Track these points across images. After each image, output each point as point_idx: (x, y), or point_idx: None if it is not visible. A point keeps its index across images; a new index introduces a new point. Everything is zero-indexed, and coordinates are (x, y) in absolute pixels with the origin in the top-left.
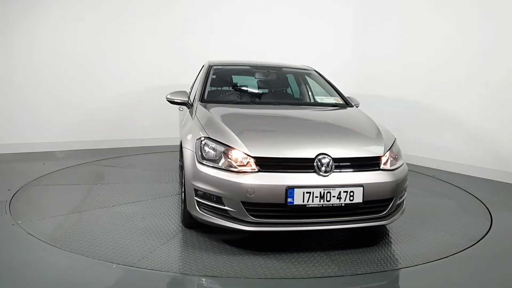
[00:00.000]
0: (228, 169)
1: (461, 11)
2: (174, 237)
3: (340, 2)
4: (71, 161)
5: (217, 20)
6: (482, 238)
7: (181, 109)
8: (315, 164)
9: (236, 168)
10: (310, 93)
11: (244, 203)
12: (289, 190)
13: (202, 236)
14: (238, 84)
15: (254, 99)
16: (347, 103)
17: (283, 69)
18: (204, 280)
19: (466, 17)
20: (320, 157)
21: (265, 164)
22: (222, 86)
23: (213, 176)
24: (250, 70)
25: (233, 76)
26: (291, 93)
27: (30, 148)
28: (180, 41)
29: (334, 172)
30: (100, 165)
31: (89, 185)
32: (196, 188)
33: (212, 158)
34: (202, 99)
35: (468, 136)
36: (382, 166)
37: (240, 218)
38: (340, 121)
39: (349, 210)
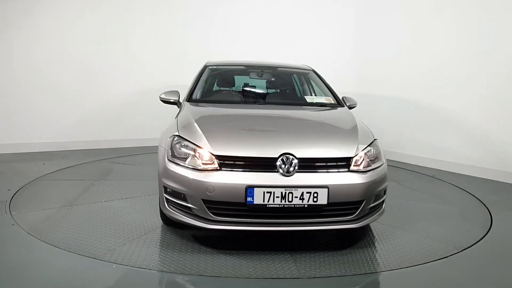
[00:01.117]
0: (192, 167)
1: (461, 12)
2: (148, 233)
3: (340, 2)
4: (70, 161)
5: (217, 21)
6: (482, 238)
7: None
8: (277, 163)
9: (201, 166)
10: (303, 93)
11: (205, 201)
12: (249, 189)
13: (175, 233)
14: (231, 84)
15: (242, 99)
16: (339, 103)
17: (278, 69)
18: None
19: (466, 17)
20: (283, 156)
21: (227, 163)
22: (214, 86)
23: (179, 174)
24: (244, 70)
25: (227, 76)
26: (283, 92)
27: (30, 148)
28: (180, 41)
29: (298, 172)
30: (113, 162)
31: (92, 181)
32: (165, 185)
33: (182, 156)
34: (189, 99)
35: (468, 136)
36: (352, 167)
37: (201, 215)
38: (318, 121)
39: (313, 211)
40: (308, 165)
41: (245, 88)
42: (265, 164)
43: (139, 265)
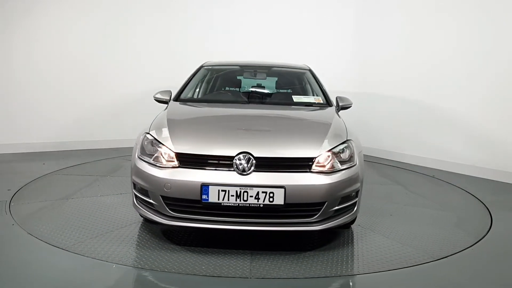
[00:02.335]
0: (155, 164)
1: (461, 12)
2: (120, 229)
3: (340, 2)
4: (71, 161)
5: (218, 21)
6: (482, 238)
7: None
8: (234, 162)
9: (163, 163)
10: (296, 92)
11: (163, 197)
12: (204, 187)
13: (145, 229)
14: (223, 84)
15: (230, 99)
16: (328, 103)
17: (273, 68)
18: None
19: (466, 17)
20: (240, 155)
21: (186, 160)
22: (206, 85)
23: (143, 171)
24: (239, 70)
25: (220, 76)
26: (275, 92)
27: (30, 148)
28: (180, 41)
29: (256, 171)
30: (126, 159)
31: (97, 176)
32: (134, 182)
33: (149, 154)
34: (176, 98)
35: (468, 136)
36: (314, 168)
37: (161, 211)
38: (291, 121)
39: (269, 211)
40: (267, 164)
41: (232, 88)
42: (223, 163)
43: (100, 257)
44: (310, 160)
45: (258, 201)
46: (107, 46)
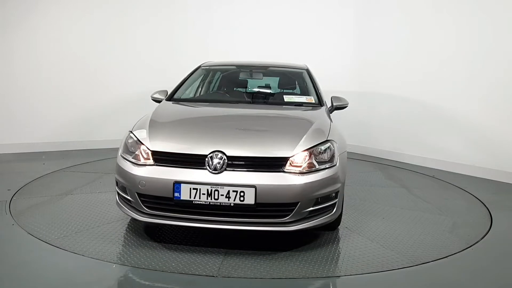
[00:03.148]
0: (133, 162)
1: (461, 12)
2: (103, 225)
3: (340, 1)
4: (71, 161)
5: (218, 21)
6: (482, 238)
7: None
8: (206, 161)
9: (140, 161)
10: (288, 92)
11: (139, 194)
12: (176, 184)
13: (128, 226)
14: (219, 84)
15: (222, 98)
16: (320, 103)
17: (270, 68)
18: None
19: (466, 17)
20: (213, 154)
21: (161, 159)
22: (202, 85)
23: (123, 168)
24: (236, 70)
25: (217, 76)
26: (267, 92)
27: (30, 148)
28: (181, 41)
29: (228, 170)
30: None
31: (102, 174)
32: (116, 179)
33: (130, 151)
34: (170, 98)
35: (468, 136)
36: (288, 168)
37: (137, 208)
38: (272, 121)
39: (240, 210)
40: (239, 163)
41: (226, 88)
42: (196, 161)
43: (77, 251)
44: (284, 159)
45: (229, 200)
46: (107, 46)
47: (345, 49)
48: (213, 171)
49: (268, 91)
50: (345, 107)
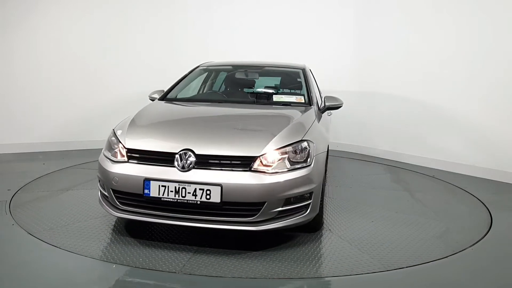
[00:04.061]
0: (111, 158)
1: (461, 12)
2: (88, 220)
3: (340, 1)
4: (71, 161)
5: (218, 21)
6: (482, 238)
7: None
8: (176, 158)
9: (117, 158)
10: (280, 92)
11: (113, 190)
12: (146, 181)
13: (115, 221)
14: (214, 84)
15: (212, 98)
16: (309, 103)
17: (266, 68)
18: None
19: (466, 17)
20: (182, 152)
21: (134, 156)
22: (197, 85)
23: (101, 165)
24: (232, 70)
25: (213, 76)
26: (258, 92)
27: (30, 148)
28: (182, 41)
29: (196, 168)
30: None
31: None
32: (98, 177)
33: (111, 149)
34: (163, 97)
35: (468, 136)
36: (256, 167)
37: (113, 204)
38: (250, 119)
39: (206, 208)
40: (207, 162)
41: (219, 88)
42: (166, 159)
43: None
44: (252, 158)
45: (195, 198)
46: (107, 46)
47: (345, 49)
48: (181, 169)
49: (260, 90)
50: (339, 107)
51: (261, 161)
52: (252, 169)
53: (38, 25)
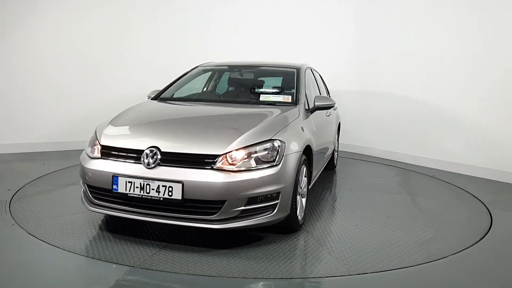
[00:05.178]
0: (88, 155)
1: (462, 12)
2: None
3: (340, 1)
4: (70, 161)
5: (218, 21)
6: (482, 238)
7: None
8: (142, 155)
9: (93, 154)
10: (269, 92)
11: (88, 185)
12: (114, 177)
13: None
14: (209, 84)
15: (205, 98)
16: (295, 102)
17: (262, 68)
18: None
19: (467, 17)
20: (149, 149)
21: (107, 152)
22: (193, 85)
23: (81, 161)
24: (227, 70)
25: (210, 76)
26: (249, 92)
27: (30, 148)
28: (182, 42)
29: (161, 165)
30: None
31: None
32: (80, 174)
33: (91, 146)
34: (156, 97)
35: (468, 136)
36: (219, 165)
37: (88, 198)
38: (223, 118)
39: (168, 205)
40: (172, 159)
41: (212, 88)
42: (133, 156)
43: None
44: (214, 157)
45: (158, 194)
46: (107, 46)
47: (345, 49)
48: (146, 166)
49: (251, 90)
50: (330, 107)
51: (227, 160)
52: (214, 167)
53: (38, 25)
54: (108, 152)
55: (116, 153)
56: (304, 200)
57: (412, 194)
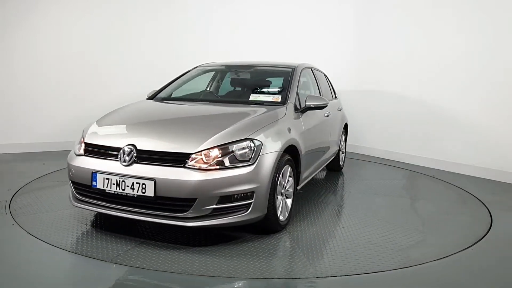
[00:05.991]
0: (75, 152)
1: (462, 12)
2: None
3: (340, 1)
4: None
5: (218, 21)
6: (482, 238)
7: None
8: (120, 153)
9: (79, 152)
10: (260, 91)
11: (72, 181)
12: (94, 174)
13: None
14: (206, 84)
15: (199, 97)
16: (284, 102)
17: (258, 68)
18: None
19: (467, 17)
20: (126, 147)
21: (89, 150)
22: (191, 85)
23: (67, 159)
24: (224, 70)
25: (208, 76)
26: (242, 91)
27: (30, 148)
28: (183, 42)
29: (138, 163)
30: None
31: None
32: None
33: (79, 144)
34: (152, 97)
35: (468, 136)
36: (191, 163)
37: (73, 195)
38: (205, 117)
39: (142, 202)
40: (147, 157)
41: (206, 88)
42: (112, 153)
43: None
44: (186, 155)
45: (133, 191)
46: (107, 46)
47: (345, 49)
48: (123, 163)
49: (246, 90)
50: (322, 107)
51: (202, 158)
52: (187, 165)
53: (38, 25)
54: (90, 149)
55: (97, 150)
56: (289, 200)
57: (412, 196)
